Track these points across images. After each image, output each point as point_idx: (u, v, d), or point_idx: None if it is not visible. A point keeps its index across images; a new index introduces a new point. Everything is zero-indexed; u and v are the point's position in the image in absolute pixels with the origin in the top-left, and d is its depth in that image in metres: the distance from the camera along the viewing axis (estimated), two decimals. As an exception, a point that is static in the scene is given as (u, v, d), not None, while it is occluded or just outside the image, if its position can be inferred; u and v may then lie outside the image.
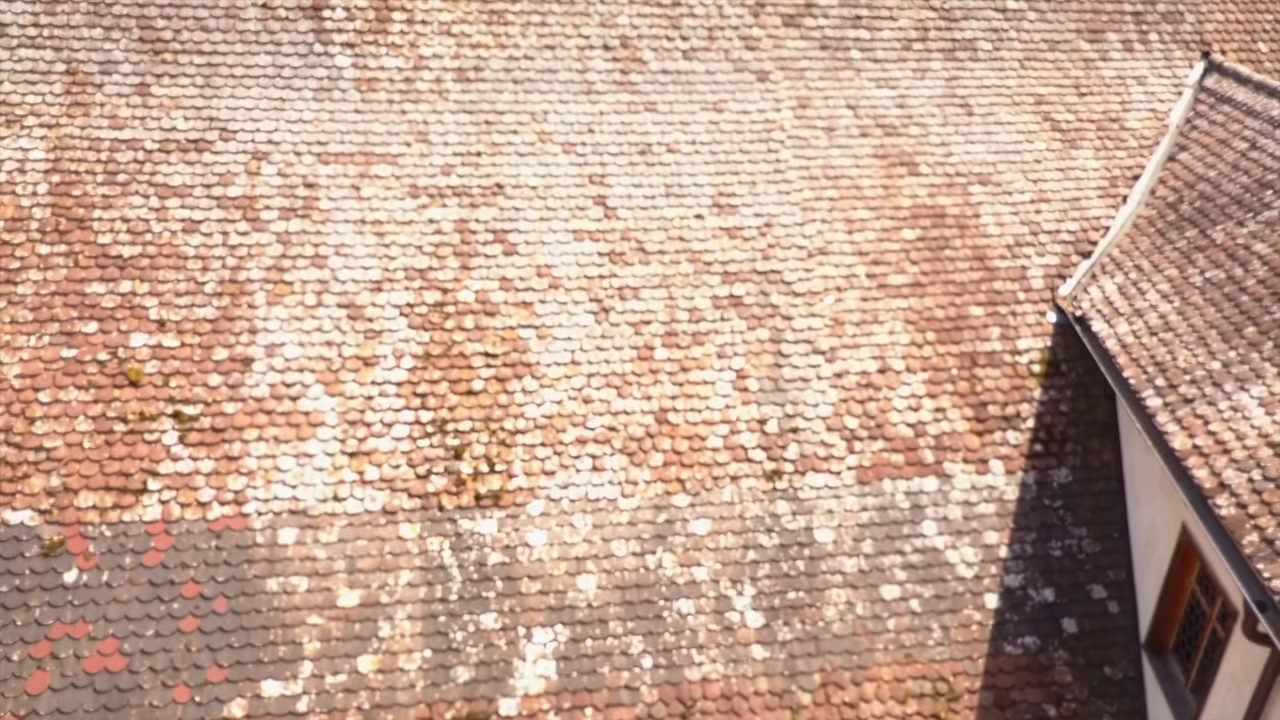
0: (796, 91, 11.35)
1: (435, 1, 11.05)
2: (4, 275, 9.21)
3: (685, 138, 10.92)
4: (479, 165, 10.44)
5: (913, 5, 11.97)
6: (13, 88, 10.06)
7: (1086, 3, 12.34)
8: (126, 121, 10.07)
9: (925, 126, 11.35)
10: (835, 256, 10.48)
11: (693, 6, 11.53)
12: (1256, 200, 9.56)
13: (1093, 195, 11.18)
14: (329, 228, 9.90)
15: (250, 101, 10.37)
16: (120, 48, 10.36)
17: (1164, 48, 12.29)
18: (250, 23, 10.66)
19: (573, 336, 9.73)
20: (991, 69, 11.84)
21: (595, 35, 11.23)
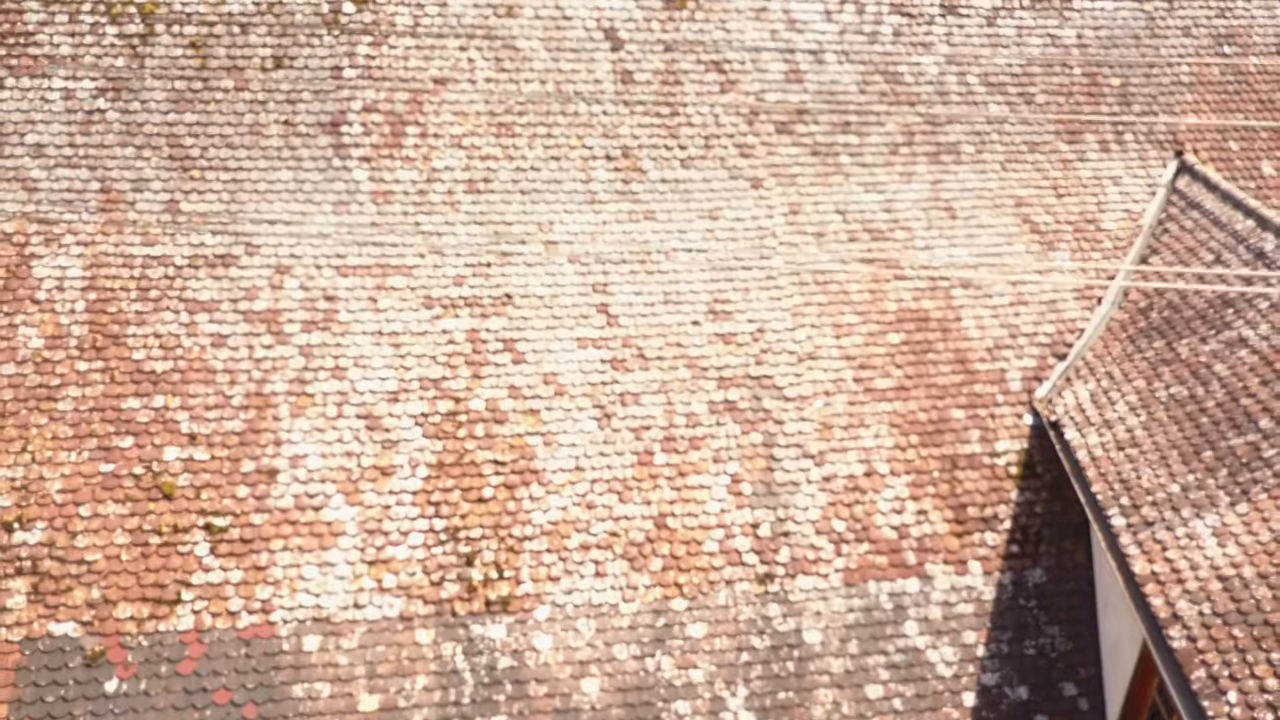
0: (788, 197, 11.99)
1: (447, 115, 11.70)
2: (45, 392, 9.86)
3: (683, 245, 11.56)
4: (489, 275, 11.08)
5: (899, 111, 12.61)
6: (50, 207, 10.71)
7: (1066, 105, 12.97)
8: (157, 238, 10.73)
9: (910, 230, 11.99)
10: (824, 361, 11.11)
11: (690, 116, 12.18)
12: (1219, 318, 10.18)
13: (1069, 297, 11.81)
14: (348, 340, 10.54)
15: (273, 216, 11.02)
16: (151, 166, 11.01)
17: (1139, 147, 12.92)
18: (273, 139, 11.31)
19: (577, 443, 10.36)
20: (974, 171, 12.48)
21: (598, 146, 11.87)
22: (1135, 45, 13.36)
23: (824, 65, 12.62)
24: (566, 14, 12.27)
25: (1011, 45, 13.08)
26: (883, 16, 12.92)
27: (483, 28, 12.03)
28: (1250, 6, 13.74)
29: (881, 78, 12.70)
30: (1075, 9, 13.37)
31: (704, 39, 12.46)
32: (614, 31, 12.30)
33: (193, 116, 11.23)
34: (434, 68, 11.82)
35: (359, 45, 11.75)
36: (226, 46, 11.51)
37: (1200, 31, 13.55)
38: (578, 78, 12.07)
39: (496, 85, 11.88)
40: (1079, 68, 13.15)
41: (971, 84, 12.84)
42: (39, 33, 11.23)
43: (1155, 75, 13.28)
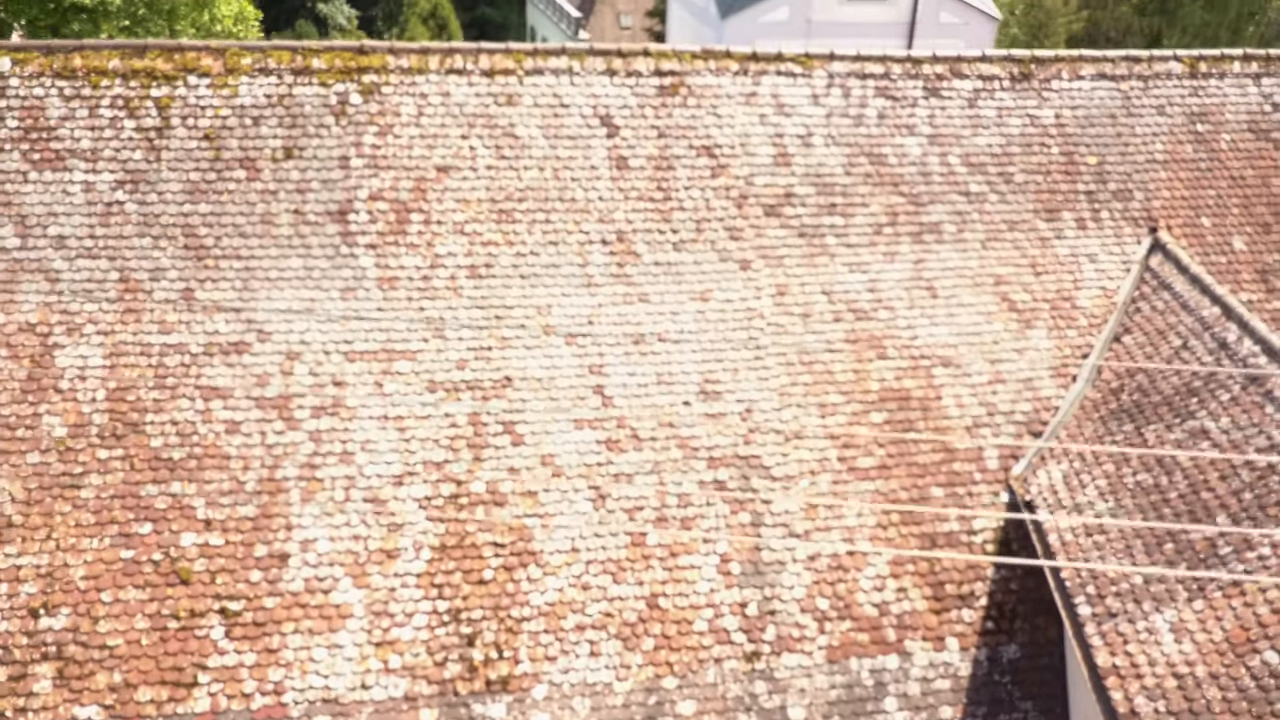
0: (776, 279, 12.51)
1: (450, 202, 12.23)
2: (69, 480, 10.38)
3: (675, 327, 12.08)
4: (490, 359, 11.61)
5: (883, 192, 13.13)
6: (72, 297, 11.25)
7: (1044, 183, 13.49)
8: (174, 326, 11.26)
9: (893, 310, 12.51)
10: (809, 440, 11.62)
11: (682, 201, 12.70)
12: (1184, 406, 10.70)
13: (1045, 375, 12.33)
14: (355, 424, 11.06)
15: (284, 303, 11.55)
16: (167, 255, 11.54)
17: (1114, 224, 13.45)
18: (283, 227, 11.84)
19: (573, 524, 10.88)
20: (955, 250, 13.00)
21: (594, 231, 12.39)
22: (1111, 124, 13.88)
23: (811, 148, 13.15)
24: (564, 102, 12.80)
25: (992, 126, 13.61)
26: (868, 100, 13.45)
27: (484, 116, 12.57)
28: (1223, 85, 14.26)
29: (866, 159, 13.23)
30: (1054, 89, 13.90)
31: (696, 124, 12.99)
32: (609, 118, 12.84)
33: (207, 207, 11.77)
34: (437, 156, 12.35)
35: (365, 135, 12.29)
36: (239, 138, 12.05)
37: (1174, 110, 14.07)
38: (575, 164, 12.60)
39: (497, 172, 12.41)
40: (1057, 147, 13.68)
41: (953, 164, 13.37)
42: (60, 127, 11.77)
43: (1131, 153, 13.80)
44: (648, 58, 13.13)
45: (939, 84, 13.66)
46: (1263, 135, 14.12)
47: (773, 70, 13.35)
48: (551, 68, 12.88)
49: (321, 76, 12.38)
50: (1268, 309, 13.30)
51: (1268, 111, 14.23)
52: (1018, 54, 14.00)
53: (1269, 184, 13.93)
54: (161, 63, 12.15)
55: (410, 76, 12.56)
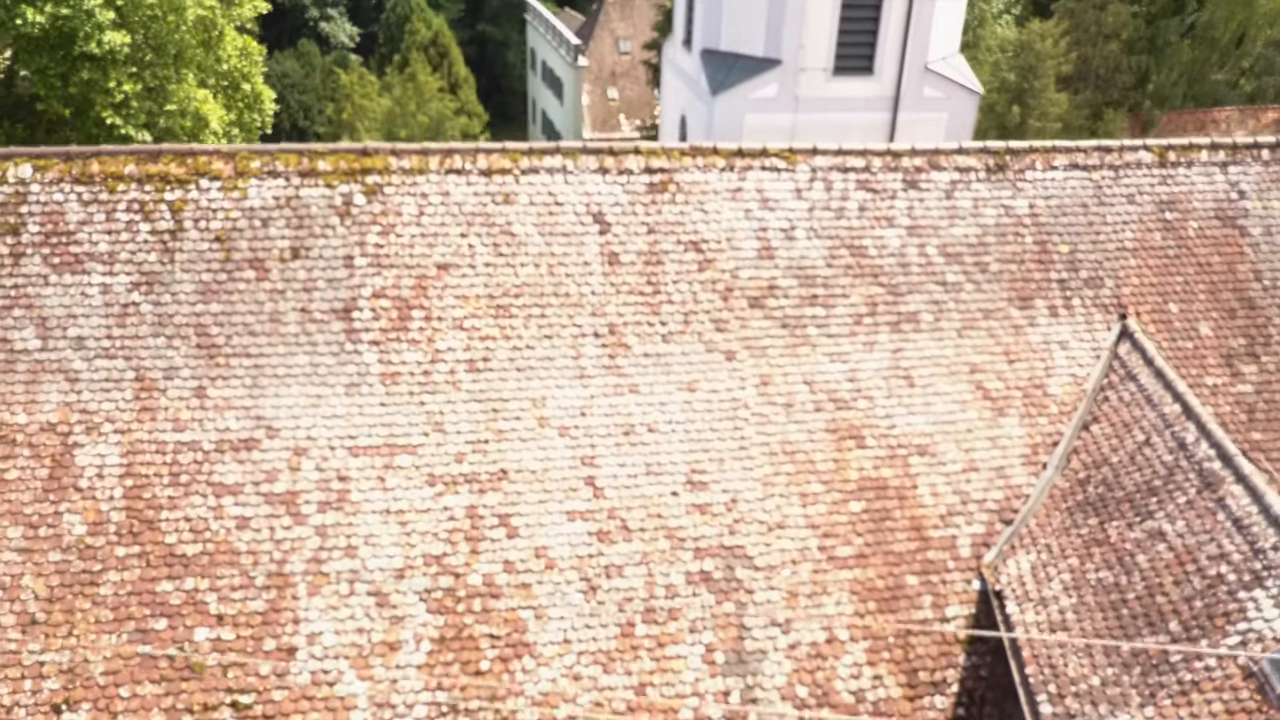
0: (760, 369, 13.11)
1: (450, 299, 12.83)
2: (88, 577, 10.99)
3: (664, 418, 12.68)
4: (487, 452, 12.21)
5: (863, 282, 13.73)
6: (91, 396, 11.85)
7: (1018, 272, 14.09)
8: (187, 424, 11.86)
9: (872, 400, 13.10)
10: (791, 530, 12.22)
11: (671, 294, 13.29)
12: (1144, 505, 11.29)
13: (1017, 463, 12.92)
14: (359, 519, 11.67)
15: (291, 400, 12.15)
16: (181, 354, 12.15)
17: (1085, 311, 14.04)
18: (291, 326, 12.45)
19: (565, 616, 11.48)
20: (932, 339, 13.59)
21: (587, 324, 12.99)
22: (1083, 213, 14.48)
23: (794, 241, 13.75)
24: (559, 200, 13.41)
25: (968, 216, 14.21)
26: (849, 193, 14.05)
27: (482, 215, 13.17)
28: (1190, 173, 14.85)
29: (847, 251, 13.83)
30: (1028, 180, 14.50)
31: (684, 220, 13.60)
32: (602, 215, 13.44)
33: (218, 306, 12.37)
34: (437, 254, 12.96)
35: (369, 234, 12.89)
36: (249, 239, 12.66)
37: (1144, 198, 14.67)
38: (569, 260, 13.21)
39: (495, 269, 13.01)
40: (1031, 236, 14.27)
41: (931, 255, 13.97)
42: (79, 231, 12.38)
43: (1102, 241, 14.39)
44: (638, 156, 13.74)
45: (918, 176, 14.26)
46: (1229, 222, 14.72)
47: (758, 165, 13.95)
48: (546, 166, 13.48)
49: (327, 178, 12.98)
50: (1232, 393, 13.90)
51: (1234, 199, 14.82)
52: (993, 146, 14.60)
53: (1234, 270, 14.52)
54: (175, 167, 12.76)
55: (411, 176, 13.16)
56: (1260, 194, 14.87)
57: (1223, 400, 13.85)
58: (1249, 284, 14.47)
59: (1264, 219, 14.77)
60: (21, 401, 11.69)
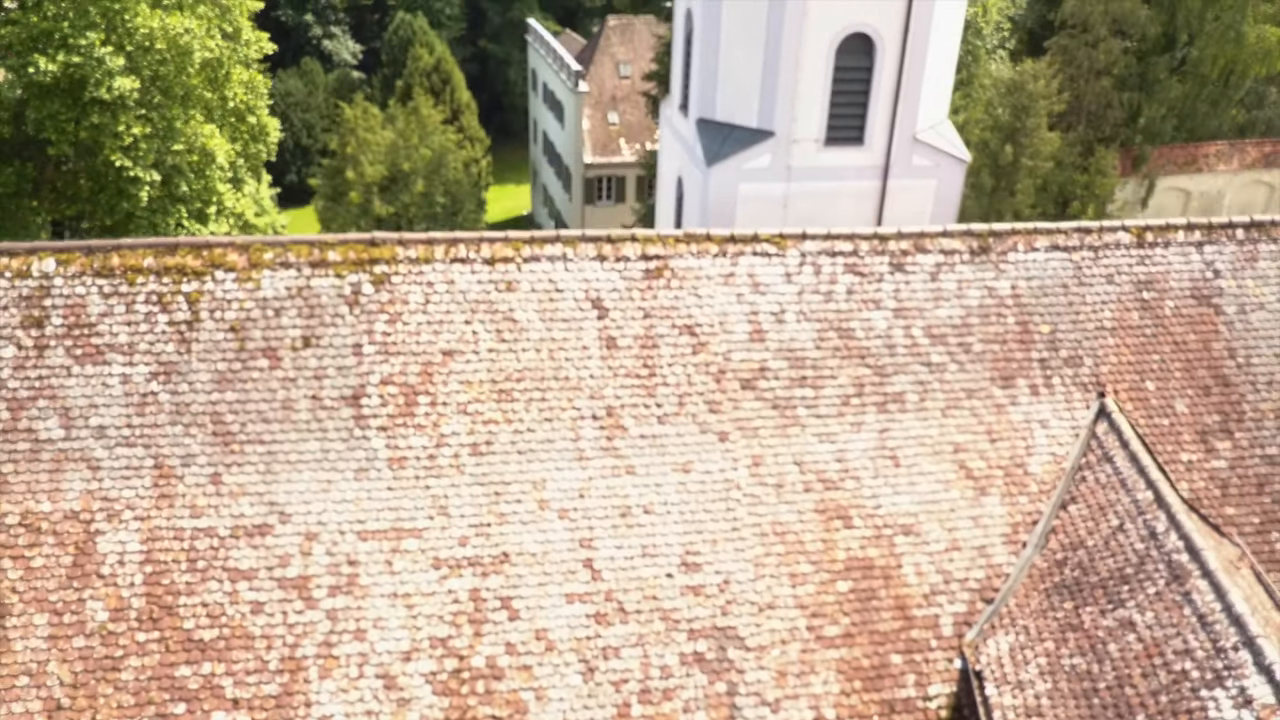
0: (751, 450, 13.66)
1: (454, 384, 13.39)
2: (110, 663, 11.55)
3: (659, 499, 13.23)
4: (489, 535, 12.77)
5: (851, 364, 14.28)
6: (112, 483, 12.41)
7: (1000, 352, 14.63)
8: (203, 510, 12.42)
9: (859, 480, 13.66)
10: (781, 610, 12.78)
11: (666, 377, 13.85)
12: (1116, 593, 11.84)
13: (998, 542, 13.48)
14: (368, 603, 12.23)
15: (302, 485, 12.71)
16: (197, 442, 12.71)
17: (1065, 390, 14.59)
18: (302, 413, 13.00)
19: (564, 697, 12.04)
20: (917, 419, 14.14)
21: (586, 407, 13.55)
22: (1064, 293, 15.03)
23: (784, 324, 14.31)
24: (559, 287, 13.97)
25: (952, 298, 14.76)
26: (837, 276, 14.61)
27: (485, 302, 13.73)
28: (1168, 254, 15.41)
29: (835, 333, 14.38)
30: (1010, 261, 15.06)
31: (678, 305, 14.15)
32: (600, 301, 14.00)
33: (233, 395, 12.94)
34: (443, 341, 13.52)
35: (377, 323, 13.46)
36: (262, 329, 13.22)
37: (1122, 278, 15.22)
38: (568, 345, 13.76)
39: (498, 355, 13.57)
40: (1013, 316, 14.83)
41: (916, 336, 14.52)
42: (100, 323, 12.94)
43: (1081, 321, 14.95)
44: (635, 243, 14.30)
45: (904, 259, 14.82)
46: (1204, 301, 15.27)
47: (749, 251, 14.52)
48: (547, 255, 14.05)
49: (337, 268, 13.55)
50: (1207, 469, 14.45)
51: (1209, 278, 15.38)
52: (977, 228, 15.15)
53: (1209, 348, 15.07)
54: (191, 259, 13.33)
55: (418, 266, 13.73)
56: (1235, 273, 15.43)
57: (1197, 476, 14.41)
58: (1223, 361, 15.02)
59: (1238, 297, 15.32)
60: (46, 490, 12.26)
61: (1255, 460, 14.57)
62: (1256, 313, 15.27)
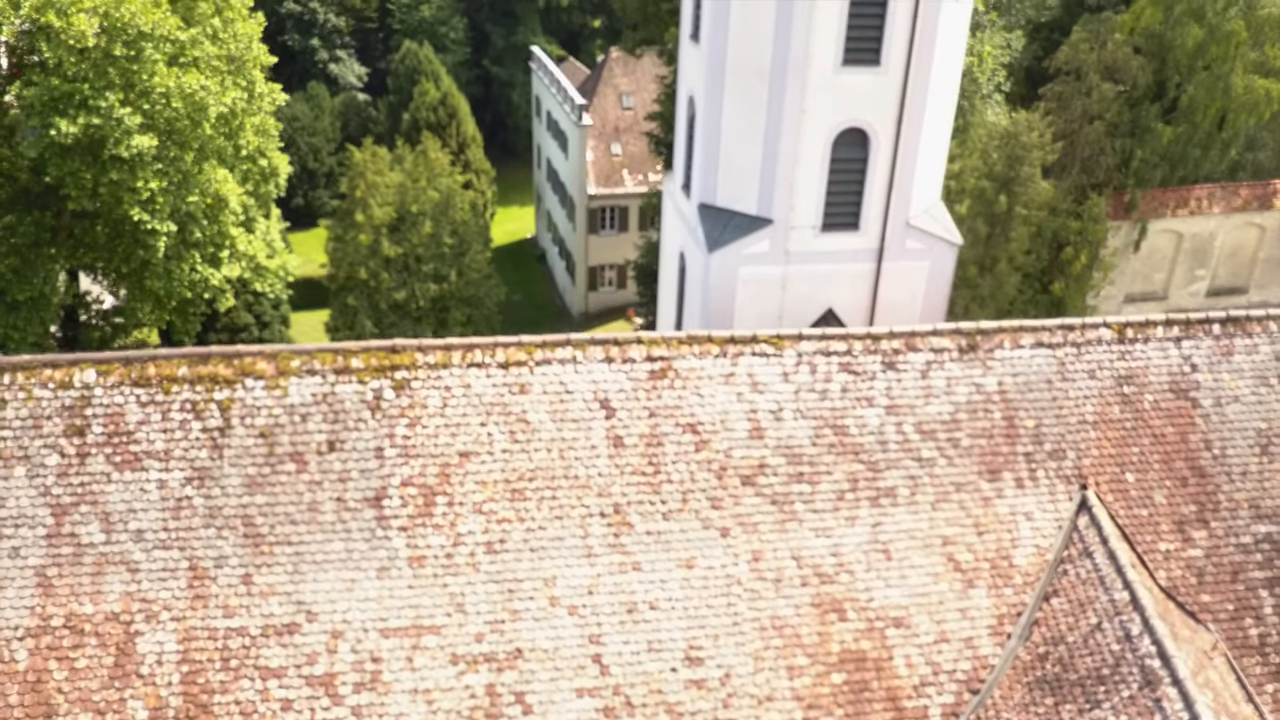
0: (751, 545, 14.44)
1: (470, 485, 14.18)
2: (152, 761, 12.35)
3: (664, 594, 14.02)
4: (503, 632, 13.55)
5: (845, 460, 15.06)
6: (150, 585, 13.21)
7: (987, 446, 15.41)
8: (235, 610, 13.22)
9: (853, 574, 14.44)
10: (779, 703, 13.56)
11: (670, 474, 14.64)
12: (1094, 693, 12.62)
13: (984, 634, 14.26)
14: (390, 699, 13.02)
15: (328, 584, 13.50)
16: (229, 544, 13.50)
17: (1049, 482, 15.37)
18: (327, 514, 13.80)
19: (576, 790, 12.83)
20: (908, 513, 14.92)
21: (594, 505, 14.33)
22: (1048, 389, 15.82)
23: (782, 422, 15.09)
24: (569, 389, 14.76)
25: (942, 395, 15.55)
26: (832, 375, 15.40)
27: (499, 405, 14.53)
28: (1147, 349, 16.18)
29: (831, 430, 15.17)
30: (996, 358, 15.84)
31: (682, 404, 14.94)
32: (608, 401, 14.79)
33: (263, 498, 13.73)
34: (459, 443, 14.31)
35: (398, 426, 14.25)
36: (290, 434, 14.01)
37: (1104, 374, 16.00)
38: (578, 444, 14.55)
39: (511, 455, 14.36)
40: (999, 412, 15.61)
41: (907, 432, 15.30)
42: (138, 431, 13.74)
43: (1064, 415, 15.72)
44: (640, 345, 15.10)
45: (895, 358, 15.60)
46: (1182, 394, 16.05)
47: (748, 351, 15.31)
48: (558, 358, 14.84)
49: (359, 375, 14.34)
50: (1184, 558, 15.23)
51: (1187, 372, 16.15)
52: (965, 327, 15.94)
53: (1187, 440, 15.85)
54: (223, 368, 14.13)
55: (436, 371, 14.52)
56: (1211, 367, 16.20)
57: (1175, 565, 15.20)
58: (1200, 453, 15.80)
59: (1214, 390, 16.10)
60: (89, 592, 13.06)
61: (1230, 549, 15.35)
62: (1231, 405, 16.05)
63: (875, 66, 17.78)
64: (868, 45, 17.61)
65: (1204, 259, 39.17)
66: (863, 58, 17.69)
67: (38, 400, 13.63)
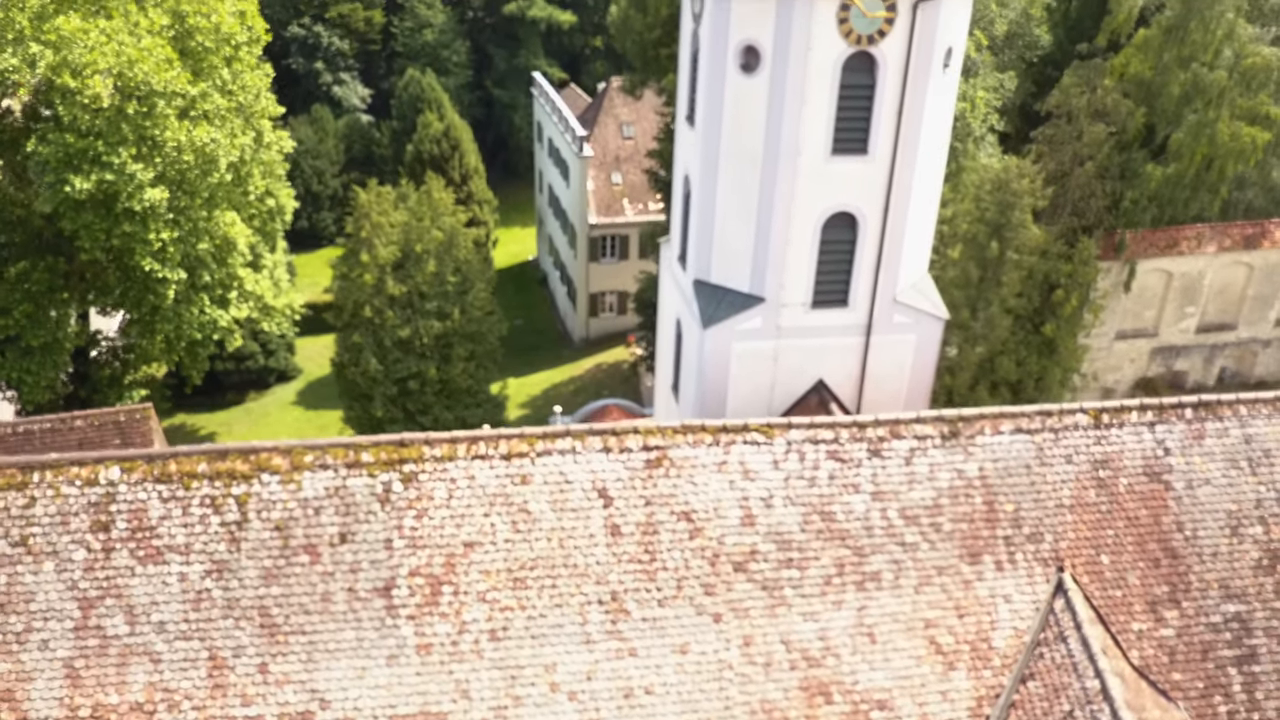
0: (743, 630, 15.16)
1: (475, 574, 14.91)
2: (175, 847, 13.09)
3: (659, 680, 14.74)
4: (507, 717, 14.28)
5: (832, 545, 15.78)
6: (171, 675, 13.95)
7: (969, 530, 16.13)
8: (253, 699, 13.96)
9: (839, 657, 15.16)
10: (767, 785, 14.29)
11: (665, 562, 15.37)
12: (1063, 782, 13.35)
13: (964, 716, 14.99)
14: (400, 786, 13.76)
15: (340, 672, 14.24)
16: (246, 634, 14.24)
17: (1027, 565, 16.08)
18: (339, 604, 14.53)
19: None
20: (892, 596, 15.64)
21: (592, 592, 15.06)
22: (1026, 474, 16.53)
23: (772, 509, 15.82)
24: (569, 479, 15.49)
25: (925, 481, 16.26)
26: (820, 462, 16.12)
27: (502, 495, 15.26)
28: (1122, 434, 16.89)
29: (819, 517, 15.89)
30: (977, 444, 16.55)
31: (676, 493, 15.67)
32: (605, 490, 15.51)
33: (278, 589, 14.47)
34: (464, 533, 15.05)
35: (405, 518, 14.99)
36: (303, 527, 14.75)
37: (1080, 458, 16.71)
38: (577, 533, 15.29)
39: (513, 545, 15.10)
40: (980, 496, 16.32)
41: (892, 518, 16.02)
42: (159, 526, 14.49)
43: (1042, 499, 16.44)
44: (637, 435, 15.83)
45: (880, 445, 16.33)
46: (1155, 477, 16.75)
47: (740, 440, 16.03)
48: (558, 449, 15.57)
49: (370, 468, 15.08)
50: (1156, 637, 15.94)
51: (1160, 456, 16.86)
52: (947, 414, 16.66)
53: (1159, 522, 16.56)
54: (240, 463, 14.87)
55: (442, 464, 15.26)
56: (1183, 450, 16.91)
57: (1147, 644, 15.91)
58: (1172, 535, 16.51)
59: (1186, 473, 16.80)
60: (114, 683, 13.80)
61: (1200, 628, 16.06)
62: (1203, 488, 16.76)
63: (863, 155, 18.51)
64: (855, 136, 18.35)
65: (1193, 296, 39.89)
66: (851, 147, 18.42)
67: (65, 497, 14.39)
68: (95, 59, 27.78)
